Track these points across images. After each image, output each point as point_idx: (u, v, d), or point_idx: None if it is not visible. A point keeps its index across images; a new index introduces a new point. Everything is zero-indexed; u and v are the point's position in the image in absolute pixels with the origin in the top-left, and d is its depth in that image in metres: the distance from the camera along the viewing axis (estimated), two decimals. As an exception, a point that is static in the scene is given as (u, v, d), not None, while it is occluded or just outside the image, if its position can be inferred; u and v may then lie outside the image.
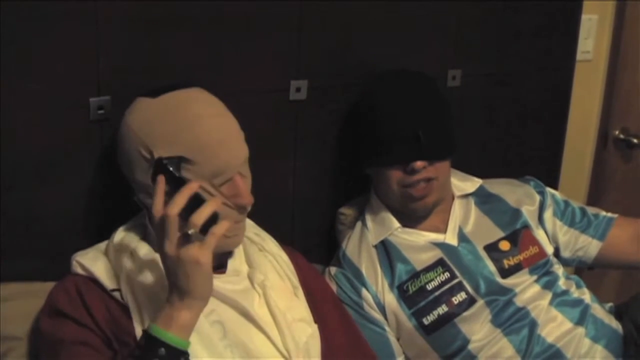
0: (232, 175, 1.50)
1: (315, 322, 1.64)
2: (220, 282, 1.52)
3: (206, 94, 1.58)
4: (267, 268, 1.64)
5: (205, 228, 1.32)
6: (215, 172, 1.48)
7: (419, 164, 1.84)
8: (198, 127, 1.48)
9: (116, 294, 1.47)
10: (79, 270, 1.53)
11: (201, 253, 1.31)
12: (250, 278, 1.59)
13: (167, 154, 1.46)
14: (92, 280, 1.50)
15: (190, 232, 1.30)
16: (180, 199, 1.32)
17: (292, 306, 1.60)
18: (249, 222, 1.77)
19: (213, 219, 1.33)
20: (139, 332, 1.41)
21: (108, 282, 1.49)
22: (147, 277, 1.48)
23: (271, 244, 1.73)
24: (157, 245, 1.37)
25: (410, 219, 1.94)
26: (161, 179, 1.38)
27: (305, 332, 1.58)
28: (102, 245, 1.59)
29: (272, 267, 1.66)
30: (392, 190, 1.89)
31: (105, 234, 1.65)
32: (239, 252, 1.65)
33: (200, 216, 1.31)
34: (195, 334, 1.38)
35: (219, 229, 1.33)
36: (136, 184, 1.54)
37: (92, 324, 1.43)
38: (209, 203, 1.34)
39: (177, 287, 1.33)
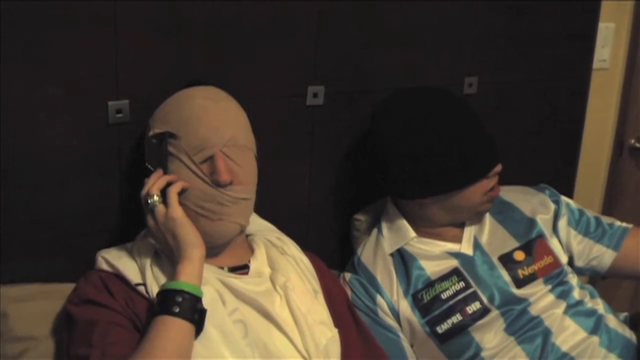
0: (214, 152, 1.53)
1: (336, 326, 1.65)
2: (242, 283, 1.57)
3: (219, 89, 1.64)
4: (288, 270, 1.66)
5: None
6: (196, 147, 1.53)
7: (498, 167, 1.86)
8: (187, 105, 1.58)
9: (140, 289, 1.51)
10: (104, 266, 1.56)
11: (169, 210, 1.50)
12: (272, 280, 1.62)
13: (160, 129, 1.57)
14: (117, 276, 1.54)
15: (149, 200, 1.50)
16: (148, 183, 1.53)
17: (313, 309, 1.62)
18: (270, 227, 1.82)
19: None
20: None
21: (132, 277, 1.53)
22: (173, 272, 1.50)
23: (293, 248, 1.75)
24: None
25: (427, 229, 1.94)
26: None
27: (325, 335, 1.60)
28: (127, 245, 1.63)
29: (294, 269, 1.69)
30: (469, 204, 1.88)
31: (122, 235, 1.67)
32: (261, 254, 1.68)
33: (154, 185, 1.51)
34: (218, 331, 1.46)
35: (174, 186, 1.51)
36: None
37: (120, 309, 1.48)
38: (165, 175, 1.54)
39: (174, 250, 1.50)
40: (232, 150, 1.55)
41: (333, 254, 2.08)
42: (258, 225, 1.80)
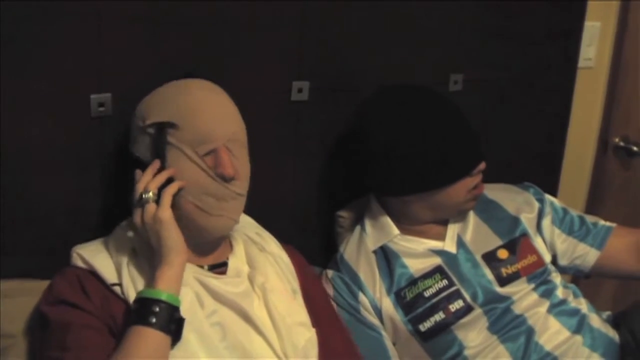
0: (217, 146, 1.52)
1: (314, 325, 1.64)
2: (221, 284, 1.55)
3: (210, 82, 1.63)
4: (267, 270, 1.65)
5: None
6: (199, 139, 1.51)
7: (482, 165, 1.86)
8: (186, 95, 1.55)
9: (116, 289, 1.48)
10: (79, 263, 1.53)
11: (159, 211, 1.45)
12: (251, 279, 1.60)
13: (156, 119, 1.53)
14: (92, 274, 1.51)
15: (144, 195, 1.47)
16: (146, 176, 1.49)
17: (291, 310, 1.61)
18: (250, 221, 1.79)
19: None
20: None
21: (108, 276, 1.50)
22: (150, 273, 1.47)
23: (272, 245, 1.74)
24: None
25: (410, 227, 1.93)
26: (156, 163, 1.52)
27: (303, 336, 1.59)
28: (104, 239, 1.60)
29: (273, 268, 1.67)
30: (453, 201, 1.87)
31: (107, 230, 1.65)
32: (239, 251, 1.66)
33: (154, 181, 1.48)
34: (196, 335, 1.44)
35: (171, 187, 1.48)
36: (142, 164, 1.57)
37: (95, 311, 1.44)
38: (165, 171, 1.50)
39: (155, 251, 1.46)
40: (234, 145, 1.55)
41: (316, 251, 2.07)
42: None
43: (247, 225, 1.78)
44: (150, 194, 1.47)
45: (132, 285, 1.47)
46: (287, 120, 1.99)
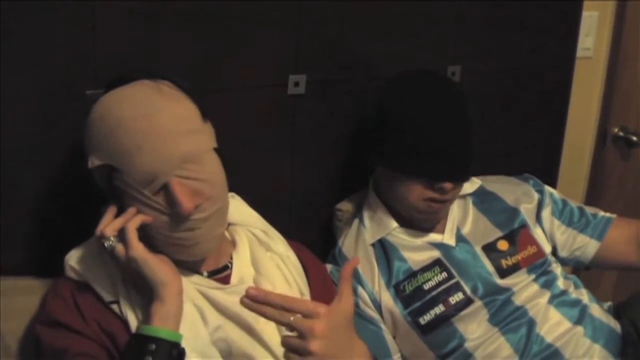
0: (166, 180, 1.36)
1: None
2: (225, 294, 1.46)
3: (143, 89, 1.41)
4: (274, 274, 1.55)
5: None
6: (144, 180, 1.36)
7: (448, 185, 1.79)
8: (118, 132, 1.36)
9: (114, 307, 1.41)
10: (73, 275, 1.46)
11: (129, 251, 1.35)
12: (257, 286, 1.50)
13: (98, 161, 1.40)
14: (88, 287, 1.43)
15: (105, 244, 1.36)
16: (104, 221, 1.39)
17: None
18: (256, 217, 1.68)
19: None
20: None
21: (105, 294, 1.42)
22: (147, 290, 1.40)
23: (280, 244, 1.64)
24: None
25: (409, 220, 1.92)
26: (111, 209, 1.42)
27: None
28: (95, 245, 1.46)
29: (280, 271, 1.57)
30: (407, 198, 1.84)
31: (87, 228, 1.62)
32: (244, 251, 1.57)
33: (108, 227, 1.37)
34: (199, 356, 1.37)
35: (131, 223, 1.37)
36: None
37: (92, 334, 1.38)
38: (125, 213, 1.39)
39: (147, 286, 1.37)
40: (188, 169, 1.38)
41: (315, 245, 2.04)
42: (242, 214, 1.65)
43: (253, 221, 1.67)
44: (112, 239, 1.36)
45: (128, 304, 1.40)
46: (284, 114, 1.98)
